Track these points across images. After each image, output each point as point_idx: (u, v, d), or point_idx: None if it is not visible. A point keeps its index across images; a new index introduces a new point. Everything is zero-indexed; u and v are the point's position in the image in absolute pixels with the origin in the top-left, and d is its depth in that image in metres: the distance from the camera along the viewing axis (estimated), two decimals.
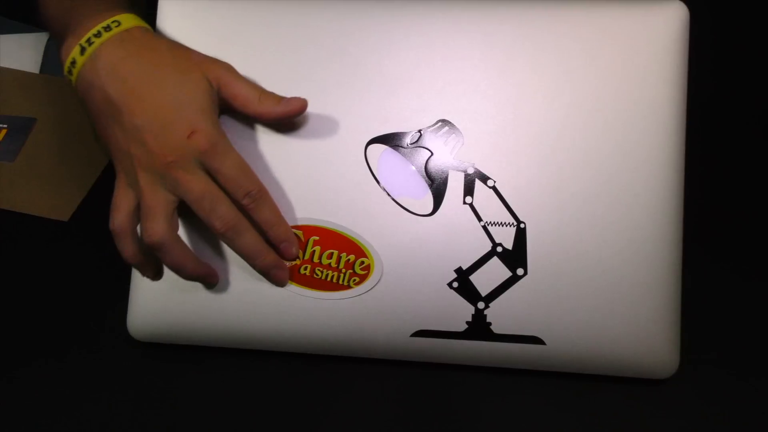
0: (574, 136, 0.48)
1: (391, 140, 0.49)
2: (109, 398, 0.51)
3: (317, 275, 0.49)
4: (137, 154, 0.48)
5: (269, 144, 0.50)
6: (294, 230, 0.49)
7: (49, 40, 0.70)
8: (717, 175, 0.56)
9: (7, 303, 0.56)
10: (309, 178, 0.49)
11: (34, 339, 0.54)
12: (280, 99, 0.49)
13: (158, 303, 0.51)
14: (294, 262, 0.49)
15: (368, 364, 0.50)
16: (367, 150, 0.49)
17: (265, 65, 0.51)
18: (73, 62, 0.49)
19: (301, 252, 0.49)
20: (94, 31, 0.48)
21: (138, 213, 0.49)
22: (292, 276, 0.49)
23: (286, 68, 0.51)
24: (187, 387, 0.51)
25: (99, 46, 0.48)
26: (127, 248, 0.50)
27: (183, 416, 0.50)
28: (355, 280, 0.48)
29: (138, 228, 0.50)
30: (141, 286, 0.51)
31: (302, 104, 0.49)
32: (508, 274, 0.47)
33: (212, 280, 0.50)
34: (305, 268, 0.49)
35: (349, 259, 0.48)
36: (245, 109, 0.49)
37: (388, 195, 0.48)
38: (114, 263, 0.52)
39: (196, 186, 0.47)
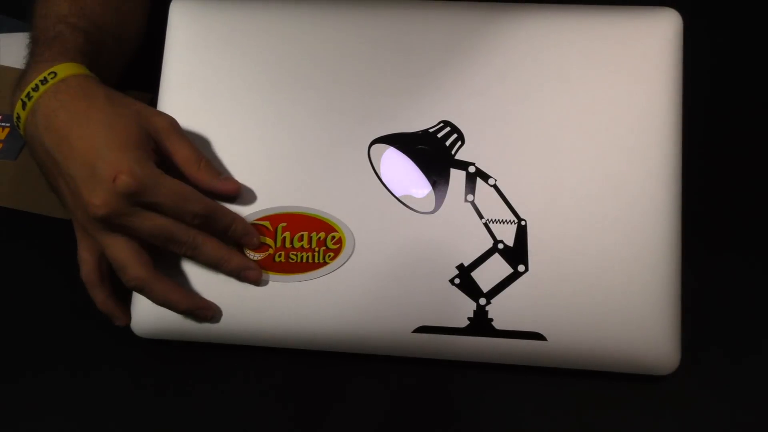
0: (573, 136, 0.49)
1: (394, 140, 0.49)
2: (112, 394, 0.51)
3: (292, 259, 0.49)
4: (80, 206, 0.47)
5: (272, 144, 0.51)
6: (261, 222, 0.50)
7: None
8: (716, 174, 0.56)
9: (9, 301, 0.56)
10: (314, 178, 0.50)
11: (36, 337, 0.54)
12: (218, 174, 0.49)
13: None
14: (267, 253, 0.49)
15: (370, 361, 0.50)
16: (371, 150, 0.49)
17: (273, 66, 0.51)
18: (18, 117, 0.49)
19: (272, 241, 0.49)
20: (32, 84, 0.48)
21: (105, 258, 0.49)
22: (269, 266, 0.49)
23: (294, 69, 0.51)
24: (190, 383, 0.51)
25: (37, 100, 0.48)
26: (96, 297, 0.51)
27: (186, 412, 0.50)
28: (329, 255, 0.48)
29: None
30: None
31: (237, 188, 0.49)
32: (509, 270, 0.48)
33: (207, 313, 0.49)
34: (279, 256, 0.49)
35: (320, 237, 0.49)
36: (183, 168, 0.49)
37: (391, 193, 0.49)
38: None
39: (142, 226, 0.46)
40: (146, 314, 0.51)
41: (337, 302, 0.49)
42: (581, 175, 0.48)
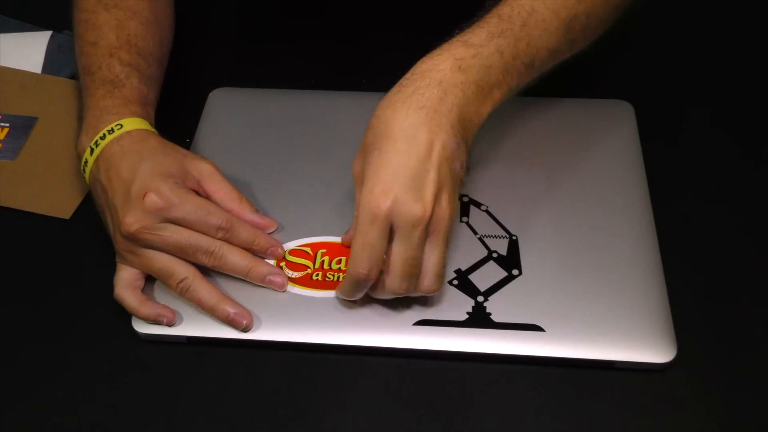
0: (555, 180, 0.57)
1: None
2: (113, 394, 0.51)
3: (329, 278, 0.53)
4: (116, 228, 0.51)
5: (288, 167, 0.58)
6: (302, 248, 0.54)
7: (50, 38, 0.69)
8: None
9: (8, 301, 0.56)
10: (322, 196, 0.57)
11: (36, 336, 0.54)
12: (256, 210, 0.55)
13: (163, 298, 0.53)
14: (305, 272, 0.53)
15: (370, 354, 0.51)
16: None
17: (294, 144, 0.61)
18: (86, 162, 0.53)
19: (311, 263, 0.54)
20: (101, 134, 0.52)
21: (141, 277, 0.53)
22: (306, 284, 0.53)
23: (315, 144, 0.61)
24: (191, 381, 0.52)
25: (103, 147, 0.52)
26: (139, 312, 0.52)
27: (188, 410, 0.51)
28: None
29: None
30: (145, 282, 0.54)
31: (274, 224, 0.55)
32: (504, 274, 0.52)
33: (241, 321, 0.51)
34: (317, 275, 0.53)
35: None
36: (225, 204, 0.54)
37: None
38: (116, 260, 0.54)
39: (171, 239, 0.51)
40: None
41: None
42: (564, 206, 0.56)
